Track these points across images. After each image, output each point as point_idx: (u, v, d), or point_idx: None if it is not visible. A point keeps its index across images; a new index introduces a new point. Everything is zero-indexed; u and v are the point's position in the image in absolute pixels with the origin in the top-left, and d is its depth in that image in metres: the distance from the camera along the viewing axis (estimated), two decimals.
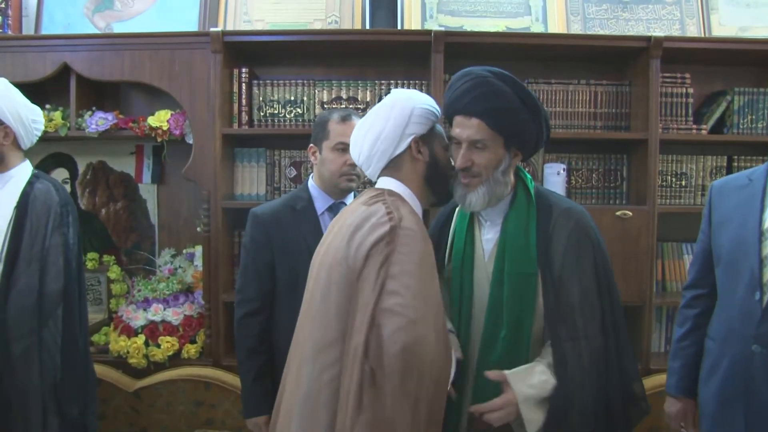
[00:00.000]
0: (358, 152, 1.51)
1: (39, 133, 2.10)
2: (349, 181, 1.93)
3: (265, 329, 1.92)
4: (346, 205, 1.95)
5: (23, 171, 2.04)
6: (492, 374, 1.46)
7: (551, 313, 1.50)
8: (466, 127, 1.49)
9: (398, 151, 1.45)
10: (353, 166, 1.89)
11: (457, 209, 1.71)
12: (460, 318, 1.59)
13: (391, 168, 1.48)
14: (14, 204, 1.95)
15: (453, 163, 1.53)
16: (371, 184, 2.75)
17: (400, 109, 1.46)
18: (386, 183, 1.48)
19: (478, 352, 1.54)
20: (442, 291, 1.54)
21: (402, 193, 1.45)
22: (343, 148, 1.89)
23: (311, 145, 1.99)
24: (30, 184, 2.00)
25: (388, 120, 1.45)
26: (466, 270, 1.59)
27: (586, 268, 1.52)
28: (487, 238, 1.60)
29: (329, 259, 1.35)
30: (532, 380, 1.45)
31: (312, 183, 2.00)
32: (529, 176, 1.63)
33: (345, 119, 1.92)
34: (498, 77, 1.50)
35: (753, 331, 1.55)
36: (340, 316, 1.28)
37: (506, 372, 1.45)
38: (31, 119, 2.04)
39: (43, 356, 1.90)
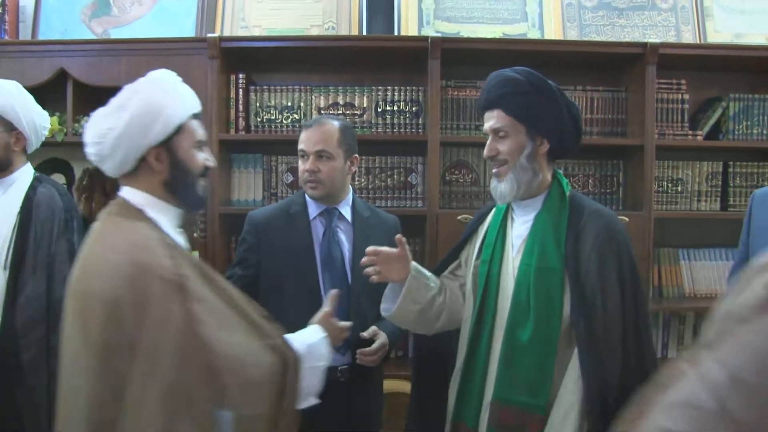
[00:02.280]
0: None
1: (43, 138, 2.10)
2: (311, 189, 1.91)
3: None
4: (339, 211, 1.97)
5: (25, 174, 2.01)
6: None
7: (576, 312, 1.51)
8: (489, 119, 1.61)
9: None
10: (311, 172, 1.88)
11: (493, 208, 1.76)
12: (484, 309, 1.62)
13: None
14: (17, 209, 1.92)
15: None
16: (369, 190, 2.74)
17: None
18: None
19: (502, 345, 1.56)
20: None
21: None
22: (302, 155, 1.92)
23: None
24: (33, 188, 1.97)
25: None
26: (495, 264, 1.64)
27: (611, 268, 1.53)
28: (518, 233, 1.65)
29: None
30: None
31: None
32: (565, 180, 1.67)
33: (307, 126, 1.93)
34: (514, 70, 1.62)
35: None
36: None
37: None
38: (42, 125, 2.04)
39: (51, 363, 1.87)
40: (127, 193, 1.32)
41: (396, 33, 2.79)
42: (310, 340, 1.39)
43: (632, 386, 1.49)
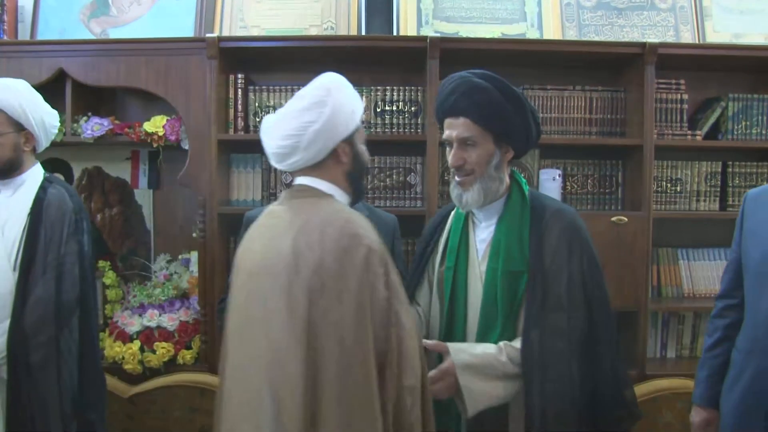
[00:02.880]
0: None
1: (53, 138, 2.10)
2: None
3: None
4: None
5: (35, 175, 2.01)
6: (431, 344, 1.50)
7: (533, 311, 1.51)
8: (454, 127, 1.56)
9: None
10: None
11: (452, 211, 1.74)
12: (454, 316, 1.61)
13: None
14: (27, 210, 1.91)
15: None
16: (368, 190, 2.73)
17: None
18: None
19: None
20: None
21: None
22: None
23: None
24: (43, 189, 1.97)
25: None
26: (460, 270, 1.62)
27: (574, 267, 1.54)
28: (481, 238, 1.64)
29: None
30: (474, 350, 1.48)
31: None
32: (524, 180, 1.67)
33: None
34: (478, 76, 1.57)
35: None
36: None
37: (448, 343, 1.49)
38: (51, 125, 2.04)
39: (61, 364, 1.87)
40: (311, 181, 1.41)
41: (395, 33, 2.79)
42: None
43: (602, 387, 1.51)
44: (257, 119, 2.67)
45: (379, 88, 2.67)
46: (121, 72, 2.57)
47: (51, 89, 2.61)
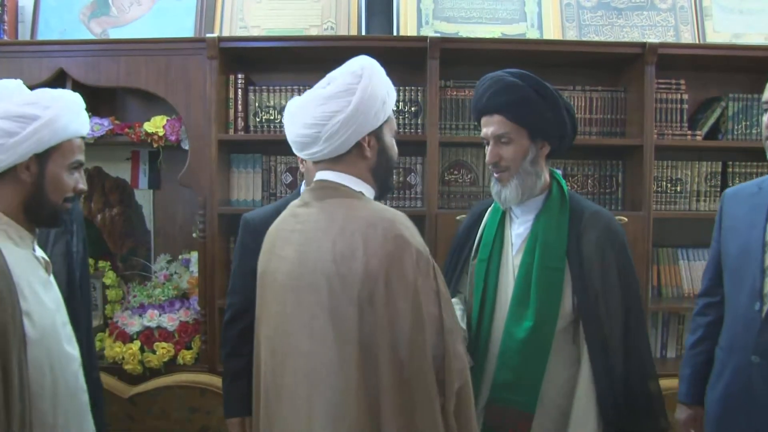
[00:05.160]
0: None
1: None
2: None
3: (245, 332, 1.92)
4: None
5: None
6: None
7: (583, 312, 1.56)
8: (489, 125, 1.61)
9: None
10: None
11: (490, 207, 1.77)
12: (483, 309, 1.63)
13: None
14: None
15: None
16: None
17: None
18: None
19: (501, 343, 1.58)
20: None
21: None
22: None
23: None
24: None
25: None
26: (494, 263, 1.66)
27: (612, 269, 1.57)
28: (518, 233, 1.67)
29: None
30: None
31: (304, 189, 2.01)
32: (563, 180, 1.70)
33: None
34: (512, 74, 1.62)
35: (753, 341, 1.55)
36: None
37: None
38: None
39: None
40: (335, 176, 1.32)
41: (395, 33, 2.79)
42: None
43: (634, 382, 1.55)
44: (257, 119, 2.67)
45: None
46: (121, 72, 2.57)
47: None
